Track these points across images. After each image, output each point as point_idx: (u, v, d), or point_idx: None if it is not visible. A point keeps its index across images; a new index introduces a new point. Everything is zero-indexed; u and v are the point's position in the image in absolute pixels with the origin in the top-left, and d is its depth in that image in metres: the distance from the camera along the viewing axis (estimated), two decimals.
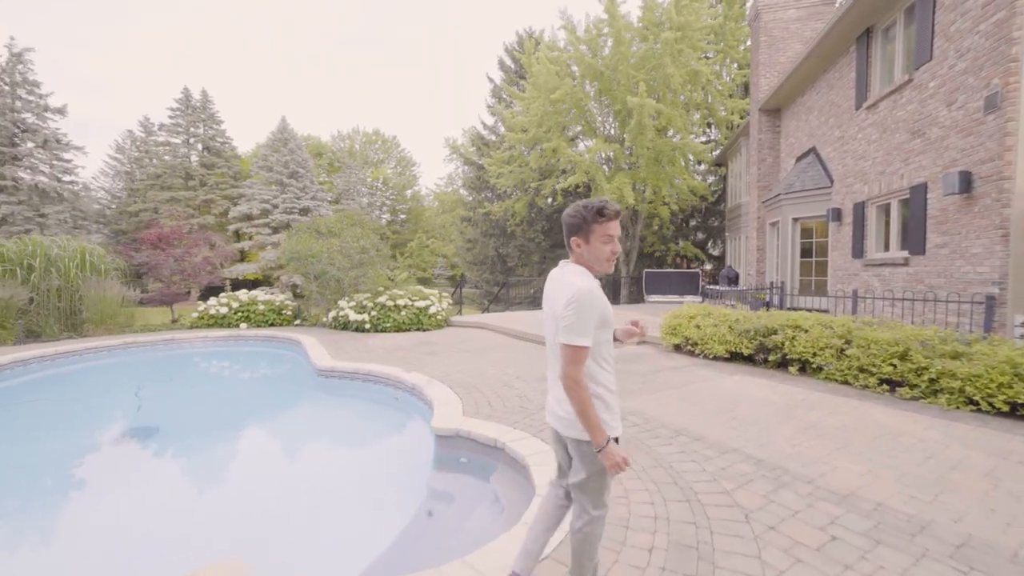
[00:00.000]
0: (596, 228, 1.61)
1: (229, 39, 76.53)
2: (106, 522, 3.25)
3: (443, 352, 7.52)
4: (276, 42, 77.38)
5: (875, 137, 6.91)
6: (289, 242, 10.21)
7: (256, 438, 5.11)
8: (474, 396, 4.88)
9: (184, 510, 3.46)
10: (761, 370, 5.95)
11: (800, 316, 5.85)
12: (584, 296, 1.52)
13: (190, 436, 5.01)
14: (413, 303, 10.16)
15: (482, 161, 21.40)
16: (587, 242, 1.63)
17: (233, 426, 5.37)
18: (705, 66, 14.62)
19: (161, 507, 3.46)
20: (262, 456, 4.61)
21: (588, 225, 1.61)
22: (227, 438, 5.05)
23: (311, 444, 4.92)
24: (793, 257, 9.19)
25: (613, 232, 1.62)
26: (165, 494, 3.74)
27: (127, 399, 5.86)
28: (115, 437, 4.96)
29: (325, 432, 5.15)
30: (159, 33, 67.43)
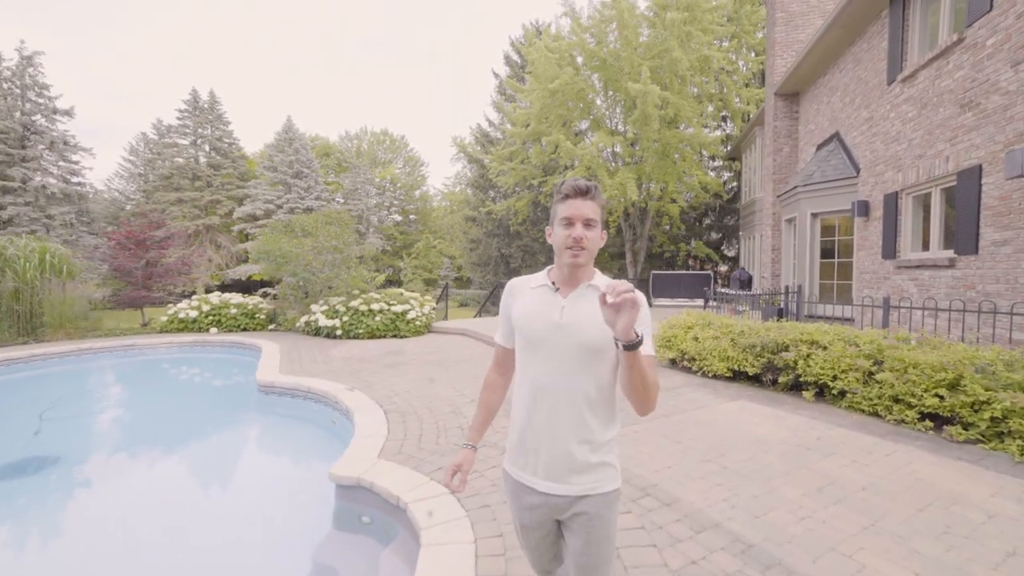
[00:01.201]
0: (556, 209, 1.25)
1: (240, 40, 77.71)
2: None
3: (407, 364, 6.69)
4: (286, 43, 78.24)
5: (912, 115, 5.81)
6: (260, 241, 9.55)
7: (158, 470, 4.34)
8: (408, 426, 4.01)
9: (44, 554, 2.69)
10: (768, 394, 4.94)
11: (817, 329, 4.82)
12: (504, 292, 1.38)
13: (84, 466, 4.28)
14: (390, 307, 9.37)
15: (485, 159, 20.60)
16: (552, 228, 1.27)
17: (138, 454, 4.62)
18: (718, 52, 13.50)
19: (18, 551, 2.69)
20: (153, 492, 3.83)
21: (552, 208, 1.28)
22: (125, 469, 4.30)
23: (213, 480, 4.13)
24: (812, 258, 8.08)
25: (571, 213, 1.20)
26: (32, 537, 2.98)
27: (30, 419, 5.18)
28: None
29: (236, 465, 4.35)
30: (171, 34, 68.86)
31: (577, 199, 1.19)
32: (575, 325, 1.17)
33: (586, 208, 1.18)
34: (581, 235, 1.17)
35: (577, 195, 1.19)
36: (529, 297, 1.28)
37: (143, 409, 5.90)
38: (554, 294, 1.24)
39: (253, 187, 29.24)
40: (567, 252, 1.19)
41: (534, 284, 1.29)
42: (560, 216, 1.21)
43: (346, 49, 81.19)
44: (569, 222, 1.19)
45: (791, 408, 4.42)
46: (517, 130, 16.38)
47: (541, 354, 1.21)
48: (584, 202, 1.18)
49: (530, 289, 1.29)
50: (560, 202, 1.22)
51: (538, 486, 1.21)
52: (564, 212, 1.20)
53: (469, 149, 26.76)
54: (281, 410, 5.54)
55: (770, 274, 10.24)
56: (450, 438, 3.72)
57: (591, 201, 1.19)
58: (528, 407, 1.22)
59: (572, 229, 1.18)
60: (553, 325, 1.19)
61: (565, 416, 1.18)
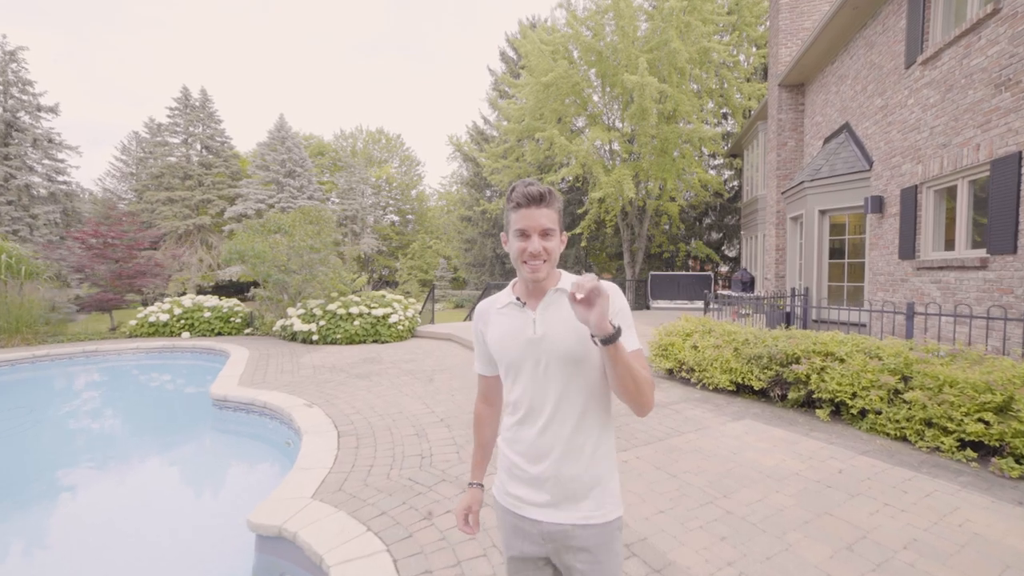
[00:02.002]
0: (510, 218, 1.10)
1: (233, 37, 77.18)
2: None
3: (380, 374, 6.14)
4: (280, 40, 77.71)
5: (935, 100, 5.26)
6: (232, 241, 9.00)
7: (78, 499, 3.77)
8: (360, 453, 3.46)
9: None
10: (776, 411, 4.38)
11: (832, 339, 4.26)
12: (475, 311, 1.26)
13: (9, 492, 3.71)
14: (370, 311, 8.82)
15: (480, 157, 20.06)
16: (507, 239, 1.13)
17: (60, 479, 4.05)
18: (718, 45, 12.95)
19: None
20: (59, 526, 3.27)
21: (506, 215, 1.12)
22: (40, 496, 3.74)
23: (131, 514, 3.55)
24: (820, 258, 7.53)
25: (525, 224, 1.06)
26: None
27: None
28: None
29: (164, 495, 3.78)
30: (164, 32, 68.27)
31: (531, 208, 1.06)
32: (551, 336, 1.09)
33: (541, 217, 1.06)
34: (538, 249, 1.06)
35: (530, 203, 1.06)
36: (498, 319, 1.18)
37: (82, 425, 5.34)
38: (522, 310, 1.14)
39: (245, 186, 28.70)
40: (525, 267, 1.08)
41: (500, 304, 1.19)
42: (514, 227, 1.08)
43: (342, 48, 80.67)
44: (524, 234, 1.07)
45: (803, 429, 3.86)
46: (511, 126, 15.84)
47: (524, 375, 1.12)
48: (539, 210, 1.06)
49: (497, 311, 1.19)
50: (512, 211, 1.08)
51: (532, 514, 1.12)
52: (518, 223, 1.07)
53: (465, 148, 26.22)
54: (234, 427, 4.99)
55: (774, 275, 9.68)
56: (405, 470, 3.16)
57: (546, 208, 1.07)
58: (516, 430, 1.15)
59: (528, 242, 1.06)
60: (528, 342, 1.11)
61: (556, 436, 1.10)
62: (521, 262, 1.08)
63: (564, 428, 1.09)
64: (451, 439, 3.72)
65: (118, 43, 66.86)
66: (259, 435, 4.71)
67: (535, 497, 1.10)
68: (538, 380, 1.10)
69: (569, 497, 1.08)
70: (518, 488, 1.13)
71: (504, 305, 1.18)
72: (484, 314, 1.23)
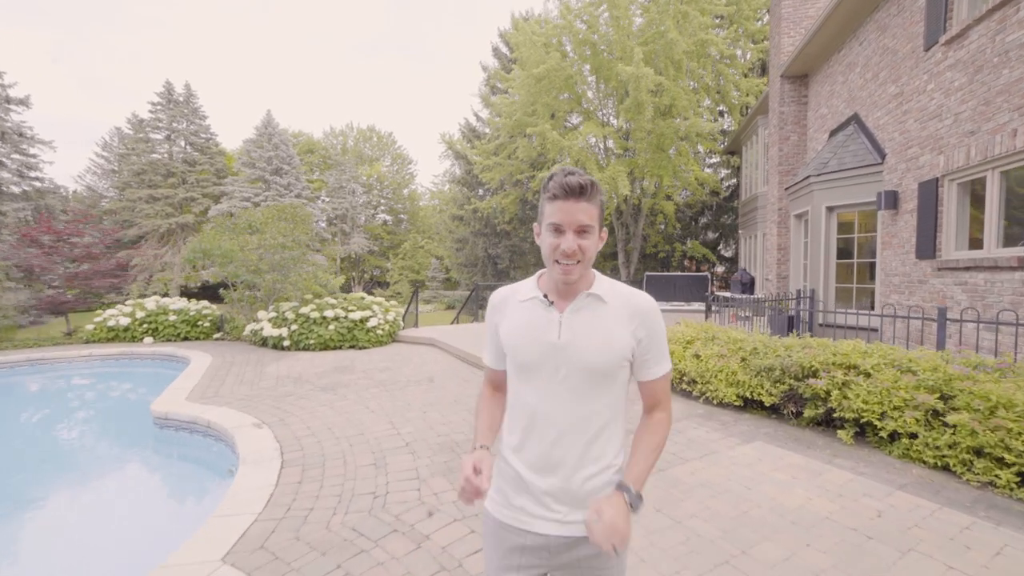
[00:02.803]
0: (545, 208, 0.98)
1: (220, 32, 76.11)
2: None
3: (349, 385, 5.55)
4: (269, 36, 76.71)
5: (960, 83, 4.77)
6: (197, 239, 8.36)
7: None
8: (302, 491, 2.88)
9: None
10: (790, 430, 3.85)
11: (855, 349, 3.74)
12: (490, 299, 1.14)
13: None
14: (347, 315, 8.21)
15: (472, 155, 19.49)
16: (540, 231, 1.01)
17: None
18: (716, 38, 12.48)
19: None
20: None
21: (541, 204, 1.00)
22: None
23: (41, 562, 2.96)
24: (827, 258, 7.04)
25: (561, 219, 0.94)
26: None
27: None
28: None
29: (80, 536, 3.18)
30: (148, 25, 67.12)
31: (570, 201, 0.93)
32: (577, 345, 1.00)
33: (580, 213, 0.93)
34: (573, 248, 0.94)
35: (569, 196, 0.93)
36: (518, 313, 1.06)
37: (5, 446, 4.70)
38: (548, 308, 1.03)
39: (230, 184, 27.94)
40: (557, 267, 0.96)
41: (523, 296, 1.07)
42: (548, 220, 0.96)
43: (336, 47, 79.76)
44: (558, 229, 0.95)
45: (826, 454, 3.33)
46: (503, 121, 15.30)
47: (538, 380, 1.02)
48: (578, 204, 0.93)
49: (518, 302, 1.07)
50: (548, 201, 0.96)
51: (539, 528, 1.01)
52: (553, 216, 0.95)
53: (457, 146, 25.59)
54: (175, 450, 4.39)
55: (775, 276, 9.20)
56: (351, 515, 2.59)
57: (586, 203, 0.94)
58: (523, 437, 1.04)
59: (562, 239, 0.94)
60: (550, 347, 1.00)
61: (571, 447, 1.01)
62: (553, 260, 0.97)
63: (580, 440, 1.01)
64: (414, 471, 3.15)
65: (117, 42, 65.62)
66: (202, 459, 4.11)
67: (543, 510, 1.02)
68: (554, 389, 1.01)
69: (580, 509, 1.01)
70: (523, 500, 1.03)
71: (528, 298, 1.06)
72: (502, 304, 1.11)
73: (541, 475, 1.01)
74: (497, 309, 1.11)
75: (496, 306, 1.11)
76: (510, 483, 1.05)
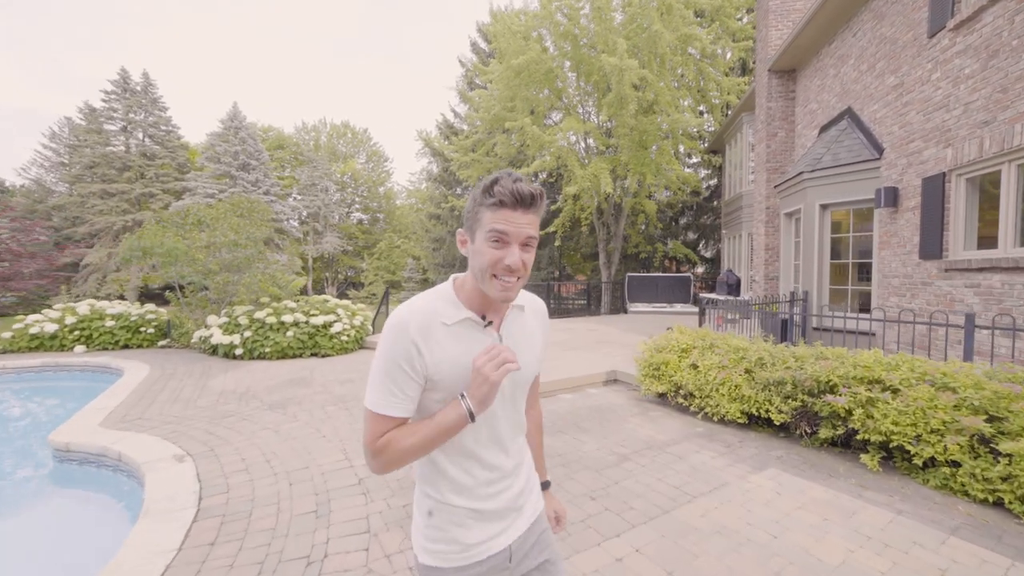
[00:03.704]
0: (483, 216, 0.86)
1: (189, 25, 73.08)
2: None
3: (302, 401, 4.86)
4: (238, 26, 74.08)
5: (972, 69, 4.44)
6: (136, 235, 7.47)
7: None
8: (212, 557, 2.22)
9: None
10: (805, 452, 3.38)
11: (878, 361, 3.30)
12: (388, 331, 0.87)
13: None
14: (308, 319, 7.47)
15: (449, 151, 18.79)
16: (472, 239, 0.90)
17: None
18: (699, 32, 12.18)
19: None
20: None
21: (476, 210, 0.88)
22: None
23: None
24: (821, 258, 6.72)
25: (506, 227, 0.85)
26: None
27: None
28: None
29: None
30: (107, 11, 63.82)
31: (518, 211, 0.84)
32: (521, 361, 0.95)
33: (527, 224, 0.86)
34: (518, 263, 0.85)
35: (519, 205, 0.84)
36: (449, 342, 0.89)
37: None
38: (484, 331, 0.93)
39: (193, 179, 26.45)
40: (496, 283, 0.86)
41: (448, 319, 0.89)
42: (490, 228, 0.85)
43: (307, 39, 77.52)
44: (502, 240, 0.85)
45: (851, 484, 2.87)
46: (481, 115, 14.68)
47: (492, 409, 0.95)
48: (525, 215, 0.85)
49: (445, 327, 0.89)
50: (491, 208, 0.85)
51: (502, 543, 0.98)
52: (496, 223, 0.85)
53: (435, 143, 24.82)
54: (78, 488, 3.62)
55: (763, 277, 8.89)
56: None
57: (533, 215, 0.87)
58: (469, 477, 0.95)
59: (506, 251, 0.85)
60: None
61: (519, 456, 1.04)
62: (491, 275, 0.86)
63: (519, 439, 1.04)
64: (364, 521, 2.53)
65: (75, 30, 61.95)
66: (107, 505, 3.37)
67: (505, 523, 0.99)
68: (505, 410, 0.97)
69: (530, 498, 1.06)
70: (483, 529, 0.96)
71: (457, 321, 0.90)
72: (422, 331, 0.86)
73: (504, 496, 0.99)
74: (413, 340, 0.86)
75: (412, 336, 0.86)
76: (462, 525, 0.96)
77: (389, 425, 0.87)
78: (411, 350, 0.85)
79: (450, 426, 0.86)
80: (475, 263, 0.88)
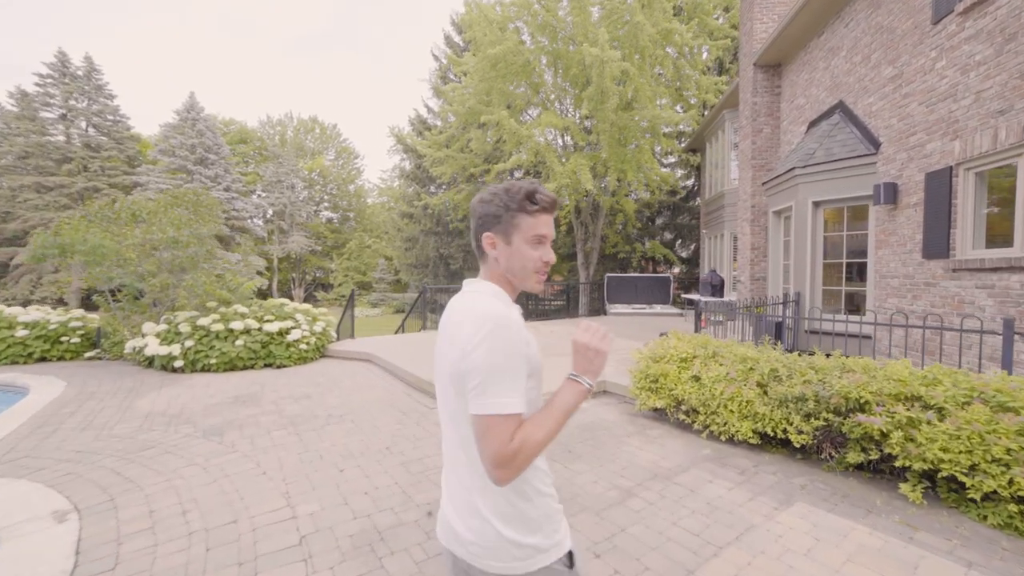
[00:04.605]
0: (522, 221, 0.99)
1: (144, 12, 69.18)
2: None
3: (246, 426, 4.13)
4: (209, 20, 70.65)
5: (984, 55, 4.16)
6: (52, 230, 6.48)
7: None
8: None
9: None
10: (830, 479, 2.94)
11: (912, 373, 2.89)
12: (501, 329, 0.90)
13: None
14: (261, 326, 6.66)
15: (422, 148, 17.99)
16: (507, 242, 1.00)
17: None
18: (679, 27, 11.91)
19: None
20: None
21: (510, 215, 0.99)
22: None
23: None
24: (814, 258, 6.44)
25: (546, 230, 1.01)
26: None
27: None
28: None
29: None
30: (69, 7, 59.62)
31: (550, 214, 1.02)
32: None
33: (553, 226, 1.02)
34: (552, 258, 1.02)
35: (552, 210, 1.02)
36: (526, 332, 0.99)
37: None
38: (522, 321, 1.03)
39: (145, 174, 24.66)
40: (535, 276, 1.02)
41: (516, 313, 1.01)
42: (533, 232, 0.99)
43: (277, 31, 74.58)
44: (543, 241, 1.01)
45: (897, 524, 2.42)
46: (455, 108, 14.01)
47: None
48: (552, 219, 1.03)
49: (520, 318, 1.00)
50: (532, 214, 0.99)
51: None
52: (538, 228, 0.99)
53: (407, 139, 23.91)
54: None
55: (748, 277, 8.61)
56: None
57: (554, 215, 1.03)
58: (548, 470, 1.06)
59: (544, 250, 1.01)
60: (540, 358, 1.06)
61: None
62: (534, 271, 1.01)
63: None
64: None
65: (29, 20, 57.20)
66: None
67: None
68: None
69: None
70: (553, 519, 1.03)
71: (519, 315, 1.01)
72: (519, 325, 0.95)
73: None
74: (520, 331, 0.93)
75: (518, 327, 0.93)
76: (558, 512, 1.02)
77: (515, 425, 0.88)
78: (525, 341, 0.93)
79: (572, 406, 0.93)
80: (515, 263, 1.00)
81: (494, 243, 0.99)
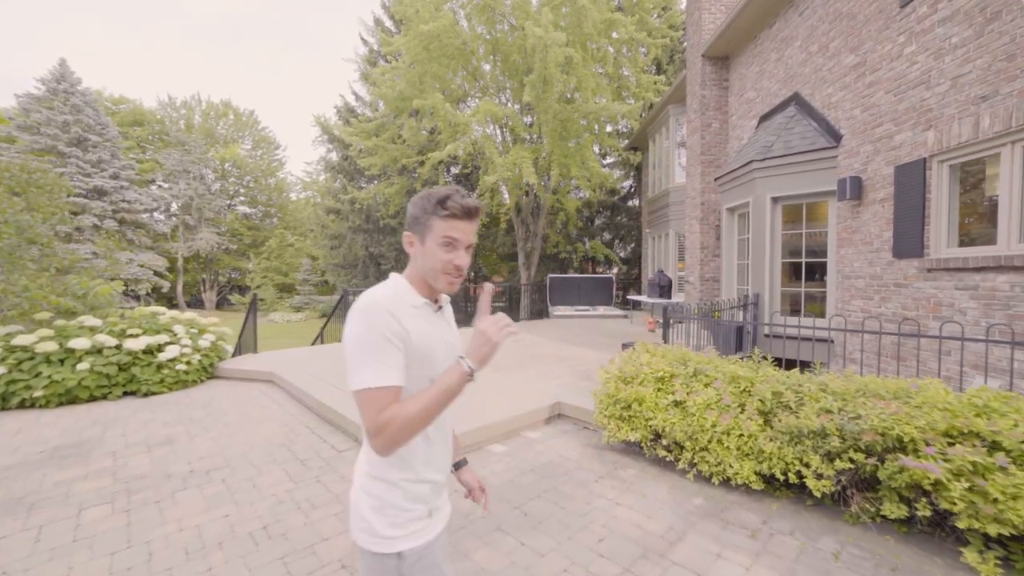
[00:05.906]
0: (435, 224, 1.06)
1: None
2: None
3: (49, 502, 2.76)
4: None
5: (962, 37, 3.84)
6: None
7: None
8: None
9: None
10: (859, 534, 2.27)
11: (970, 403, 2.29)
12: (362, 312, 0.99)
13: None
14: (120, 342, 5.08)
15: (347, 134, 16.25)
16: (422, 242, 1.08)
17: None
18: (622, 18, 11.52)
19: None
20: None
21: (426, 217, 1.06)
22: None
23: None
24: (772, 257, 6.10)
25: (457, 235, 1.06)
26: None
27: None
28: None
29: None
30: None
31: (465, 221, 1.05)
32: (458, 342, 1.16)
33: (471, 232, 1.07)
34: (465, 264, 1.07)
35: (466, 217, 1.05)
36: (419, 320, 1.06)
37: None
38: (438, 314, 1.13)
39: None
40: (445, 278, 1.07)
41: (414, 303, 1.07)
42: (443, 234, 1.05)
43: (199, 10, 66.90)
44: (453, 245, 1.06)
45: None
46: (385, 91, 12.65)
47: None
48: (471, 225, 1.06)
49: (413, 308, 1.06)
50: (444, 219, 1.04)
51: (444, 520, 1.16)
52: (449, 231, 1.05)
53: (334, 129, 21.82)
54: None
55: (697, 278, 8.26)
56: None
57: (475, 224, 1.08)
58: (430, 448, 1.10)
59: (455, 254, 1.06)
60: (451, 348, 1.11)
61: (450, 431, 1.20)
62: (443, 273, 1.06)
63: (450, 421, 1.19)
64: None
65: None
66: None
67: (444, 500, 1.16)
68: None
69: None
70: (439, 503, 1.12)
71: (419, 305, 1.08)
72: (397, 311, 1.02)
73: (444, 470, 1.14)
74: (396, 315, 1.01)
75: (393, 312, 1.01)
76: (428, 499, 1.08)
77: (389, 398, 0.94)
78: (391, 323, 0.98)
79: (452, 387, 0.98)
80: (427, 263, 1.06)
81: (412, 242, 1.08)
